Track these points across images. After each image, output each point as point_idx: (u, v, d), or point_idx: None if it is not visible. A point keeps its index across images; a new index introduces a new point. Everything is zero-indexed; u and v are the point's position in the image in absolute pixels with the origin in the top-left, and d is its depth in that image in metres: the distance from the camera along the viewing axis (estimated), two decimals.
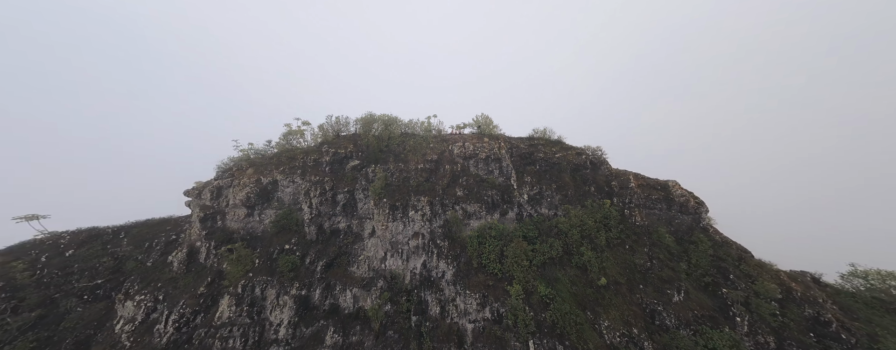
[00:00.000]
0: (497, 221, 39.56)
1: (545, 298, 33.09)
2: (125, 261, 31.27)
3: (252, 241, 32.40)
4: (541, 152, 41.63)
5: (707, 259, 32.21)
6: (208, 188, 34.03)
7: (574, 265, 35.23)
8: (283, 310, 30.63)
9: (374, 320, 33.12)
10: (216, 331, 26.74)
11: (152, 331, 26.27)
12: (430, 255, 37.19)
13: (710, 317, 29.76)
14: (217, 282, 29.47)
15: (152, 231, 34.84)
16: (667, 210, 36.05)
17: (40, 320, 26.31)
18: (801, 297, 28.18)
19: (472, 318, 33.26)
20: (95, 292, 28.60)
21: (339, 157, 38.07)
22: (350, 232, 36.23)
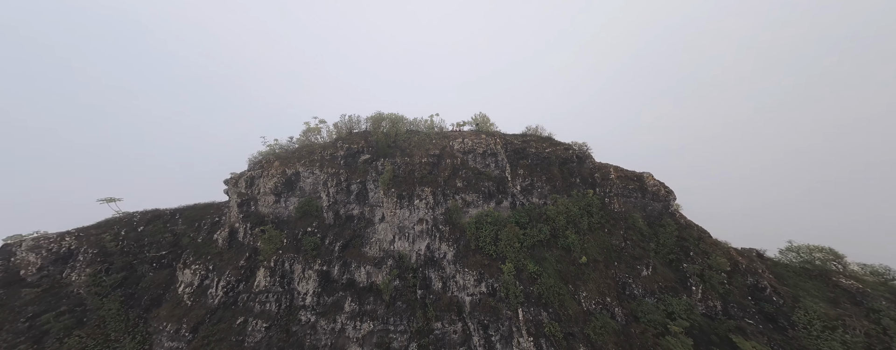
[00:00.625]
0: (493, 209, 45.71)
1: (533, 275, 39.41)
2: (181, 237, 37.72)
3: (280, 224, 38.53)
4: (533, 148, 47.68)
5: (672, 239, 38.47)
6: (243, 178, 40.03)
7: (559, 246, 41.46)
8: (309, 282, 36.95)
9: (385, 293, 39.48)
10: (255, 296, 32.96)
11: (206, 293, 32.59)
12: (433, 238, 43.39)
13: (671, 287, 36.15)
14: (253, 257, 35.71)
15: (200, 213, 41.12)
16: (641, 198, 42.19)
17: (124, 280, 32.96)
18: (746, 268, 34.45)
19: (470, 291, 39.61)
20: (161, 261, 35.11)
21: (352, 151, 44.04)
22: (363, 217, 42.41)
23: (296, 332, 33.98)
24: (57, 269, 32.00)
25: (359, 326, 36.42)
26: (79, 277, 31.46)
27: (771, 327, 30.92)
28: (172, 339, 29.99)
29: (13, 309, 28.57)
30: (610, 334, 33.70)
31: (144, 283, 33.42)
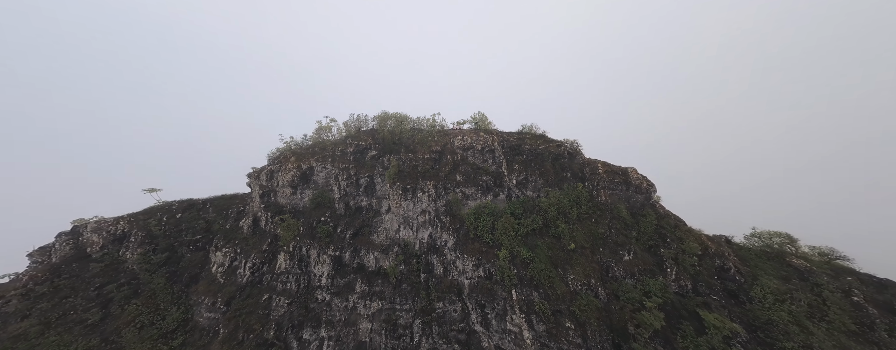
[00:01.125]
0: (490, 202, 50.68)
1: (526, 260, 44.40)
2: (212, 223, 42.79)
3: (296, 214, 43.45)
4: (527, 144, 52.57)
5: (652, 227, 43.41)
6: (264, 172, 44.90)
7: (550, 235, 46.45)
8: (323, 265, 42.05)
9: (391, 276, 44.60)
10: (277, 276, 38.00)
11: (235, 273, 37.65)
12: (435, 227, 48.43)
13: (649, 270, 41.23)
14: (274, 242, 40.70)
15: (227, 203, 46.12)
16: (625, 190, 47.08)
17: (168, 259, 38.27)
18: (714, 252, 39.39)
19: (469, 275, 44.72)
20: (196, 244, 40.30)
21: (361, 148, 48.94)
22: (371, 208, 47.41)
23: (313, 308, 39.14)
24: (114, 248, 37.35)
25: (369, 305, 41.59)
26: (132, 255, 36.75)
27: (732, 302, 36.01)
28: (209, 311, 35.24)
29: (84, 279, 33.89)
30: (593, 311, 38.81)
31: (184, 263, 38.75)
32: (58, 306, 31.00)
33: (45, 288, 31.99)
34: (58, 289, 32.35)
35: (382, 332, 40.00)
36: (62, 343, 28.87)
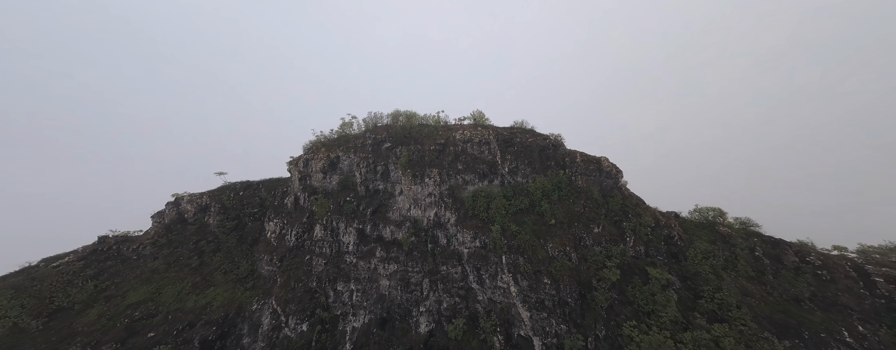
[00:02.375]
0: (486, 186, 63.13)
1: (515, 233, 56.98)
2: (264, 200, 55.68)
3: (327, 194, 56.02)
4: (518, 138, 64.81)
5: (618, 206, 55.72)
6: (300, 160, 57.42)
7: (535, 212, 58.89)
8: (350, 235, 54.92)
9: (404, 245, 57.37)
10: (315, 243, 50.72)
11: (284, 239, 50.48)
12: (440, 207, 61.03)
13: (613, 239, 53.79)
14: (311, 216, 53.39)
15: (274, 184, 58.87)
16: (598, 176, 59.28)
17: (236, 226, 51.36)
18: (664, 224, 51.64)
19: (467, 245, 57.46)
20: (255, 215, 53.24)
21: (377, 140, 61.35)
22: (386, 191, 60.08)
23: (344, 268, 52.15)
24: (201, 215, 50.17)
25: (387, 267, 54.51)
26: (213, 221, 49.55)
27: (673, 261, 48.49)
28: (268, 265, 48.04)
29: (185, 236, 46.92)
30: (566, 270, 51.51)
31: (247, 229, 51.66)
32: (172, 253, 43.88)
33: (164, 240, 44.94)
34: (171, 241, 45.26)
35: (398, 287, 53.01)
36: (178, 278, 41.89)
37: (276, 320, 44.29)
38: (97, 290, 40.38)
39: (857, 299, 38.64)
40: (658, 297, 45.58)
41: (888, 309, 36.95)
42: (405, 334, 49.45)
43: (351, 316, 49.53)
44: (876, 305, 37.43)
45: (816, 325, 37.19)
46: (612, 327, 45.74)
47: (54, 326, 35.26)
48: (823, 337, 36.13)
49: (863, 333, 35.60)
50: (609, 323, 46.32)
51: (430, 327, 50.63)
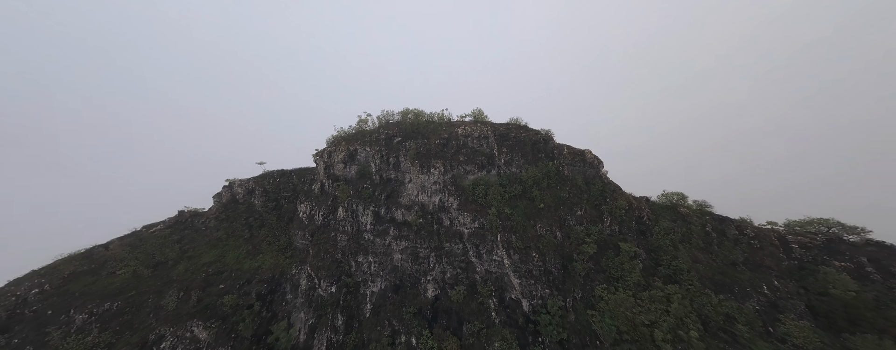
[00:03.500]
0: (484, 176, 74.60)
1: (508, 215, 68.58)
2: (296, 186, 67.69)
3: (347, 182, 67.83)
4: (513, 133, 76.02)
5: (598, 192, 67.03)
6: (325, 152, 69.08)
7: (527, 198, 70.37)
8: (367, 216, 66.86)
9: (413, 225, 69.21)
10: (338, 222, 62.64)
11: (313, 218, 62.48)
12: (444, 194, 72.69)
13: (593, 220, 65.31)
14: (335, 200, 65.26)
15: (304, 172, 70.65)
16: (582, 166, 70.49)
17: (275, 207, 63.63)
18: (635, 207, 62.90)
19: (468, 226, 69.17)
20: (289, 198, 65.29)
21: (389, 135, 72.88)
22: (398, 179, 71.78)
23: (363, 243, 64.21)
24: (248, 197, 62.35)
25: (399, 243, 66.42)
26: (257, 202, 61.67)
27: (641, 237, 59.85)
28: (302, 239, 59.93)
29: (238, 213, 59.29)
30: (551, 246, 63.14)
31: (284, 210, 63.82)
32: (230, 226, 55.92)
33: (223, 215, 57.04)
34: (228, 217, 57.36)
35: (409, 260, 64.97)
36: (236, 245, 53.98)
37: (311, 282, 56.45)
38: (181, 251, 52.94)
39: (777, 261, 49.76)
40: (626, 266, 57.21)
41: (798, 268, 48.02)
42: (415, 298, 61.58)
43: (370, 282, 61.78)
44: (790, 266, 48.48)
45: (744, 282, 48.45)
46: (587, 290, 57.53)
47: (158, 275, 47.46)
48: (748, 291, 47.42)
49: (777, 287, 46.76)
50: (585, 287, 58.10)
51: (436, 293, 62.71)
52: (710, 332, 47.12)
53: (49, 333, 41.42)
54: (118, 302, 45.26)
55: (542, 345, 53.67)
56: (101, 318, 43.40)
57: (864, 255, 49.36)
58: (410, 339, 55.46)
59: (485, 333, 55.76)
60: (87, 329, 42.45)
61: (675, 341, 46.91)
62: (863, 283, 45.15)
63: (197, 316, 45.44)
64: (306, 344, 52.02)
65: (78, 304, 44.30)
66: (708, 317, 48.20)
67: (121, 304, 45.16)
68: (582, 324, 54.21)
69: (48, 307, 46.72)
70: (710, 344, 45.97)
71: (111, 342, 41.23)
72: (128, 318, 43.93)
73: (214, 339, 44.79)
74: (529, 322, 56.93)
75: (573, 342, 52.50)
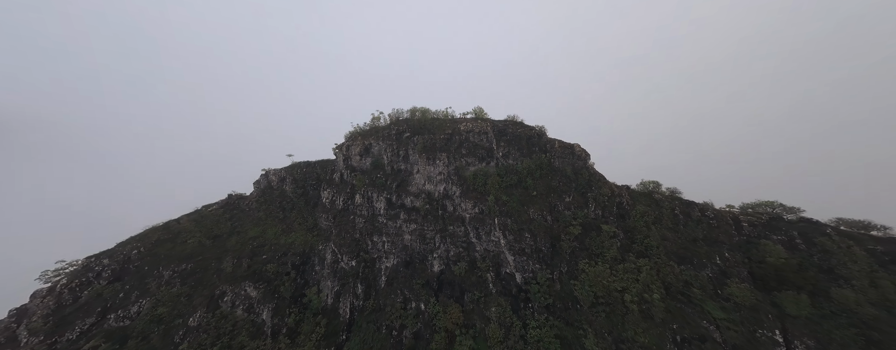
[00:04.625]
0: (484, 167, 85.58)
1: (505, 202, 79.69)
2: (319, 175, 79.32)
3: (363, 172, 79.16)
4: (510, 129, 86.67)
5: (585, 181, 77.67)
6: (343, 146, 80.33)
7: (522, 187, 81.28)
8: (380, 203, 78.38)
9: (421, 211, 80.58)
10: (356, 207, 74.18)
11: (335, 203, 74.10)
12: (448, 183, 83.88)
13: (579, 205, 76.18)
14: (352, 188, 76.78)
15: (326, 164, 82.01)
16: (571, 158, 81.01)
17: (303, 193, 75.47)
18: (617, 194, 73.44)
19: (469, 212, 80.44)
20: (313, 186, 76.88)
21: (399, 131, 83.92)
22: (407, 170, 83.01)
23: (377, 225, 75.76)
24: (281, 184, 73.92)
25: (408, 226, 77.89)
26: (288, 189, 73.25)
27: (621, 220, 70.54)
28: (325, 221, 71.56)
29: (274, 197, 71.15)
30: (542, 228, 74.24)
31: (310, 196, 75.32)
32: (267, 208, 67.54)
33: (262, 199, 68.63)
34: (266, 200, 69.00)
35: (417, 240, 76.44)
36: (273, 224, 65.69)
37: (334, 257, 68.13)
38: (232, 227, 64.93)
39: (729, 237, 60.08)
40: (605, 244, 68.14)
41: (746, 242, 58.32)
42: (423, 272, 73.22)
43: (384, 258, 73.52)
44: (740, 240, 58.78)
45: (702, 255, 58.97)
46: (572, 264, 68.67)
47: (216, 244, 59.37)
48: (704, 261, 57.97)
49: (727, 257, 57.22)
50: (570, 262, 69.24)
51: (442, 268, 74.27)
52: (670, 295, 58.20)
53: (148, 283, 55.66)
54: (191, 264, 58.16)
55: (531, 309, 65.10)
56: (180, 275, 56.24)
57: (796, 229, 59.71)
58: (419, 305, 67.18)
59: (483, 301, 67.30)
60: (172, 282, 55.56)
61: (640, 302, 58.04)
62: (791, 252, 55.53)
63: (248, 278, 57.53)
64: (333, 306, 63.98)
65: (164, 264, 58.20)
66: (670, 283, 59.20)
67: (192, 265, 58.01)
68: (566, 292, 65.53)
69: (144, 264, 61.72)
70: (670, 304, 57.09)
71: (189, 293, 53.87)
72: (198, 276, 56.40)
73: (263, 297, 56.91)
74: (521, 291, 68.35)
75: (557, 306, 63.88)
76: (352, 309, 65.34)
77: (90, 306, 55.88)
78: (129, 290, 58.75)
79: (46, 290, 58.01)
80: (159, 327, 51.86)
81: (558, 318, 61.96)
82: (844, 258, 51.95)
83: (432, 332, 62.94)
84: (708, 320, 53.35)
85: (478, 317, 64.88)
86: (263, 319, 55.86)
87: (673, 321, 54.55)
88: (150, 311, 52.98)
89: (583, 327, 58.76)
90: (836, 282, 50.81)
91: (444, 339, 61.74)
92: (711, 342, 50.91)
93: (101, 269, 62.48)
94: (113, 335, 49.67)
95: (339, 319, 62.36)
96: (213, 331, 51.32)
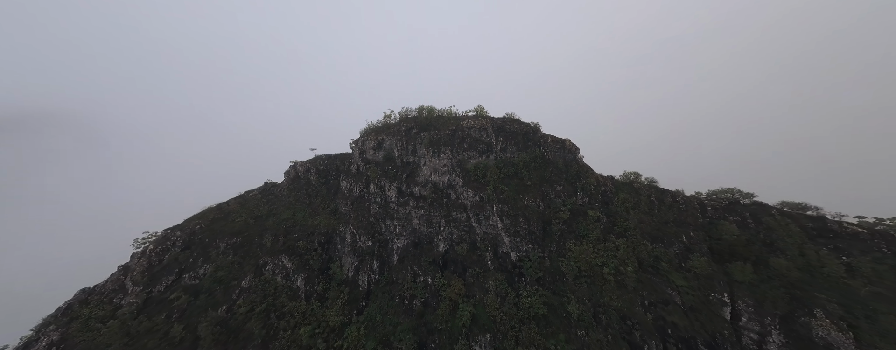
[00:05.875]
0: (484, 160, 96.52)
1: (502, 191, 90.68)
2: (339, 166, 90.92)
3: (376, 164, 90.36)
4: (508, 126, 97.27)
5: (574, 172, 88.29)
6: (359, 141, 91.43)
7: (517, 177, 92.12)
8: (392, 191, 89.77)
9: (427, 199, 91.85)
10: (371, 195, 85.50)
11: (352, 191, 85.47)
12: (452, 174, 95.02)
13: (568, 194, 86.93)
14: (367, 178, 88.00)
15: (344, 157, 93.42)
16: (563, 152, 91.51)
17: (325, 182, 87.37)
18: (602, 183, 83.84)
19: (470, 199, 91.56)
20: (333, 176, 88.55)
21: (408, 127, 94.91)
22: (415, 162, 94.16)
23: (389, 211, 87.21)
24: (306, 174, 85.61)
25: (416, 212, 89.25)
26: (312, 178, 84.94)
27: (604, 206, 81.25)
28: (344, 207, 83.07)
29: (301, 186, 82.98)
30: (535, 213, 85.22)
31: (331, 185, 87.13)
32: (295, 195, 79.23)
33: (291, 187, 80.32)
34: (294, 188, 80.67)
35: (424, 224, 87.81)
36: (301, 208, 77.52)
37: (353, 237, 79.73)
38: (269, 209, 76.82)
39: (695, 219, 70.49)
40: (590, 227, 79.04)
41: (709, 223, 68.79)
42: (430, 251, 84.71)
43: (396, 239, 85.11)
44: (703, 222, 69.16)
45: (671, 235, 69.57)
46: (560, 244, 79.71)
47: (258, 224, 71.17)
48: (673, 240, 68.57)
49: (692, 236, 67.73)
50: (559, 242, 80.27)
51: (446, 248, 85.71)
52: (642, 269, 69.17)
53: (209, 251, 70.04)
54: (239, 238, 70.68)
55: (524, 282, 76.40)
56: (232, 247, 68.68)
57: (748, 211, 70.09)
58: (427, 279, 78.74)
59: (482, 275, 78.69)
60: (227, 252, 68.24)
61: (617, 274, 69.09)
62: (743, 230, 65.88)
63: (284, 252, 69.40)
64: (353, 278, 75.79)
65: (220, 237, 72.02)
66: (643, 259, 70.12)
67: (240, 240, 70.54)
68: (554, 267, 76.73)
69: (205, 237, 77.75)
70: (641, 276, 68.12)
71: (240, 262, 66.25)
72: (246, 249, 68.59)
73: (296, 268, 68.78)
74: (515, 267, 79.64)
75: (546, 279, 75.13)
76: (369, 281, 77.15)
77: (170, 267, 72.36)
78: (196, 256, 73.67)
79: (140, 252, 75.76)
80: (220, 286, 64.90)
81: (547, 288, 73.23)
82: (782, 233, 62.37)
83: (438, 301, 74.52)
84: (672, 288, 64.33)
85: (478, 288, 76.34)
86: (298, 286, 67.82)
87: (643, 289, 65.64)
88: (212, 273, 66.65)
89: (567, 295, 69.99)
90: (774, 253, 61.35)
91: (449, 306, 73.23)
92: (672, 304, 61.99)
93: (175, 239, 78.60)
94: (188, 290, 64.65)
95: (359, 289, 74.18)
96: (259, 292, 63.76)
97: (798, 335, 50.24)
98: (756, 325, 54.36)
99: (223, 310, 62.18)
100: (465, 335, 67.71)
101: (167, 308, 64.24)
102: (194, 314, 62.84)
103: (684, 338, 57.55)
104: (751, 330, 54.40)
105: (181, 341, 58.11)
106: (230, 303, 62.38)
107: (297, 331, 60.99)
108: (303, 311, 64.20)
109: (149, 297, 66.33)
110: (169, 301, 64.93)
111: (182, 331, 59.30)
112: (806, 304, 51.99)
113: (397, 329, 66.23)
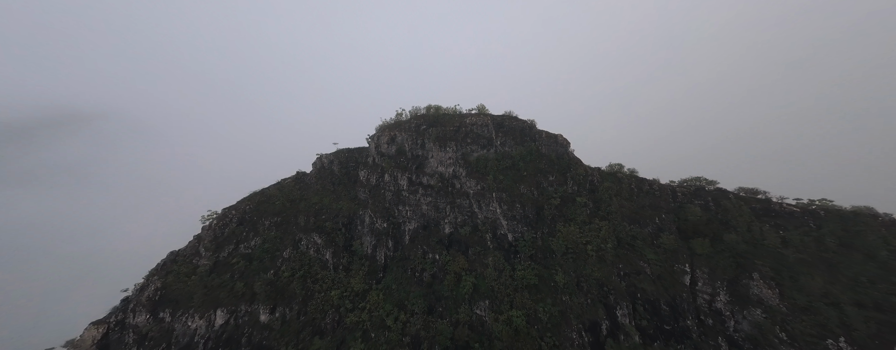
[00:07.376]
0: (485, 153, 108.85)
1: (501, 181, 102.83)
2: (357, 159, 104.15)
3: (389, 157, 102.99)
4: (507, 122, 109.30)
5: (565, 164, 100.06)
6: (374, 136, 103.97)
7: (515, 169, 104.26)
8: (404, 181, 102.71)
9: (434, 188, 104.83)
10: (386, 184, 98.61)
11: (369, 181, 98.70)
12: (456, 166, 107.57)
13: (560, 183, 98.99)
14: (382, 169, 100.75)
15: (362, 151, 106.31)
16: (556, 146, 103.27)
17: (346, 172, 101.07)
18: (589, 173, 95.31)
19: (473, 188, 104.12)
20: (354, 167, 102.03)
21: (418, 124, 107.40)
22: (423, 155, 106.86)
23: (401, 198, 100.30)
24: (330, 165, 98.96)
25: (425, 199, 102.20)
26: (335, 169, 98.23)
27: (591, 193, 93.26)
28: (363, 194, 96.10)
29: (326, 176, 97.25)
30: (530, 200, 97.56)
31: (351, 174, 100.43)
32: (322, 182, 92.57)
33: (318, 175, 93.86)
34: (321, 177, 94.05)
35: (432, 210, 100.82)
36: (327, 194, 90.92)
37: (371, 220, 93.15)
38: (301, 195, 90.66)
39: (667, 203, 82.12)
40: (578, 211, 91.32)
41: (678, 207, 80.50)
42: (437, 233, 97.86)
43: (407, 222, 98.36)
44: (674, 205, 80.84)
45: (646, 217, 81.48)
46: (551, 226, 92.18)
47: (293, 206, 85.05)
48: (648, 221, 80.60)
49: (663, 218, 79.50)
50: (550, 225, 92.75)
51: (451, 230, 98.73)
52: (621, 246, 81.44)
53: (257, 227, 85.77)
54: (279, 218, 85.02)
55: (519, 258, 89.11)
56: (274, 224, 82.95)
57: (711, 196, 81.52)
58: (435, 256, 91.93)
59: (483, 253, 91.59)
60: (270, 229, 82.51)
61: (599, 251, 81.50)
62: (705, 212, 77.31)
63: (315, 231, 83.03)
64: (372, 255, 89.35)
65: (264, 216, 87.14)
66: (621, 237, 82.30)
67: (280, 219, 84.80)
68: (545, 245, 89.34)
69: (253, 215, 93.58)
70: (619, 251, 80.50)
71: (281, 237, 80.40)
72: (284, 227, 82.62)
73: (325, 244, 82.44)
74: (512, 246, 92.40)
75: (538, 256, 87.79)
76: (385, 257, 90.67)
77: (230, 238, 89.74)
78: (248, 231, 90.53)
79: (208, 226, 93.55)
80: (267, 255, 79.67)
81: (538, 263, 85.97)
82: (735, 214, 73.82)
83: (444, 274, 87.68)
84: (644, 261, 76.60)
85: (478, 264, 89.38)
86: (327, 258, 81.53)
87: (619, 262, 78.03)
88: (260, 245, 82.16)
89: (555, 268, 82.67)
90: (728, 230, 72.99)
91: (454, 278, 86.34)
92: (643, 274, 74.32)
93: (231, 216, 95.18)
94: (244, 256, 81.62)
95: (377, 263, 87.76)
96: (297, 261, 77.89)
97: (739, 294, 62.33)
98: (708, 288, 66.53)
99: (271, 273, 77.31)
100: (467, 301, 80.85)
101: (230, 269, 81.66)
102: (250, 275, 79.74)
103: (650, 300, 69.97)
104: (704, 292, 66.59)
105: (243, 295, 73.82)
106: (276, 269, 76.91)
107: (329, 293, 74.86)
108: (332, 279, 78.13)
109: (217, 261, 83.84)
110: (231, 264, 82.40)
111: (243, 287, 75.93)
112: (747, 269, 63.89)
113: (410, 295, 79.63)
